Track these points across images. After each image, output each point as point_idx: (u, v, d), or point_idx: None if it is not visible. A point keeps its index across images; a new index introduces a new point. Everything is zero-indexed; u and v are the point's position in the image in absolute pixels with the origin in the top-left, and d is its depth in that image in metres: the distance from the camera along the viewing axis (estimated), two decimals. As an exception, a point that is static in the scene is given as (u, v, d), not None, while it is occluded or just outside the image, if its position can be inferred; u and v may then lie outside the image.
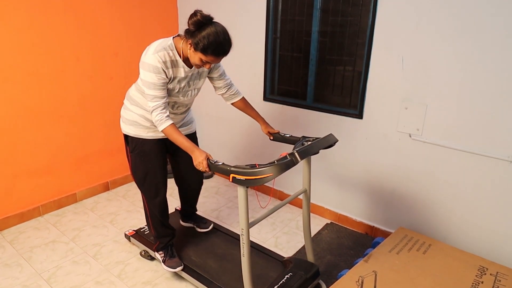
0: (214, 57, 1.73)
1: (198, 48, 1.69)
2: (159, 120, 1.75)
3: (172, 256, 2.20)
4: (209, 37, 1.66)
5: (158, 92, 1.75)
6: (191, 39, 1.69)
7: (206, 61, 1.75)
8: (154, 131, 1.98)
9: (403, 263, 1.98)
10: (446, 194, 2.36)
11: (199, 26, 1.67)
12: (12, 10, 2.45)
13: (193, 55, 1.74)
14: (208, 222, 2.57)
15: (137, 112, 1.96)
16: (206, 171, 1.72)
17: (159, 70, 1.72)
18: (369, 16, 2.43)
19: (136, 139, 2.00)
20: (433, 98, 2.26)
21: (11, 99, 2.57)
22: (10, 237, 2.63)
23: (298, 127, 2.96)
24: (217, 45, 1.69)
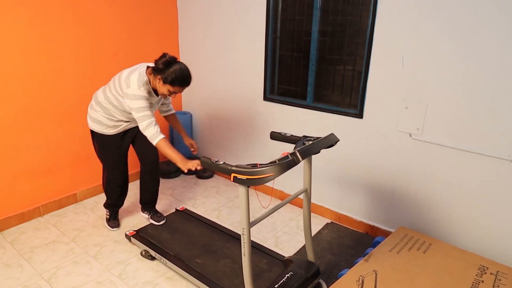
0: (180, 88, 2.19)
1: (167, 81, 2.14)
2: (154, 135, 2.17)
3: (114, 219, 2.80)
4: (176, 72, 2.12)
5: (148, 112, 2.17)
6: (160, 75, 2.14)
7: (173, 91, 2.20)
8: (114, 129, 2.42)
9: (403, 263, 1.98)
10: (446, 193, 2.36)
11: (167, 65, 2.12)
12: (12, 11, 2.45)
13: (161, 87, 2.19)
14: (162, 216, 2.79)
15: (102, 114, 2.37)
16: (197, 168, 2.13)
17: (145, 97, 2.17)
18: (369, 16, 2.43)
19: (99, 134, 2.44)
20: (434, 97, 2.27)
21: (11, 99, 2.57)
22: (10, 238, 2.63)
23: (298, 127, 2.96)
24: (182, 78, 2.16)
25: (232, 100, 3.41)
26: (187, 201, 3.26)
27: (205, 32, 3.43)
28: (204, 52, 3.50)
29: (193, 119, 3.85)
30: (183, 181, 3.65)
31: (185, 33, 3.61)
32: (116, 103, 2.29)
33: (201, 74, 3.61)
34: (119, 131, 2.45)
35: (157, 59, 2.13)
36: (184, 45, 3.66)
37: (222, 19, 3.26)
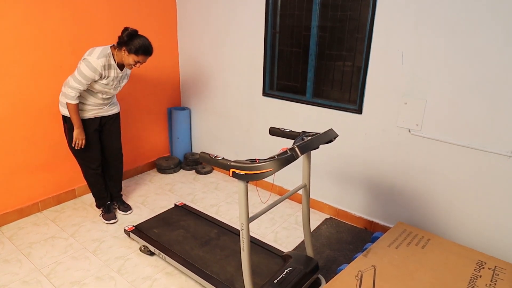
0: (144, 56, 2.38)
1: (131, 51, 2.33)
2: (71, 97, 2.35)
3: (108, 211, 2.85)
4: (139, 42, 2.33)
5: (84, 81, 2.33)
6: (125, 46, 2.33)
7: (137, 61, 2.37)
8: (86, 112, 2.53)
9: (402, 258, 1.99)
10: (445, 189, 2.37)
11: (130, 37, 2.32)
12: (10, 7, 2.43)
13: (127, 58, 2.36)
14: (129, 207, 2.97)
15: None
16: (79, 146, 2.46)
17: (96, 70, 2.32)
18: (368, 11, 2.42)
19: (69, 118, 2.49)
20: (433, 93, 2.26)
21: (9, 95, 2.56)
22: (9, 233, 2.63)
23: (297, 122, 2.96)
24: (145, 48, 2.35)
25: (231, 95, 3.40)
26: (186, 196, 3.26)
27: (204, 28, 3.41)
28: (203, 47, 3.49)
29: (192, 115, 3.84)
30: (182, 177, 3.65)
31: (183, 29, 3.59)
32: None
33: (200, 69, 3.59)
34: (89, 116, 2.54)
35: (121, 33, 2.32)
36: (183, 41, 3.65)
37: (221, 15, 3.24)
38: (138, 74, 3.39)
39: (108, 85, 2.45)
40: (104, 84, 2.42)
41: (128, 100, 3.34)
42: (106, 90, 2.48)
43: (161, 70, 3.61)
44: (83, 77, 2.31)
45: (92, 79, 2.34)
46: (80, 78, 2.31)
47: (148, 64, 3.45)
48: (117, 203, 2.96)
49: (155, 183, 3.51)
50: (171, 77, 3.74)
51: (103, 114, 2.62)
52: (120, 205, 2.95)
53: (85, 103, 2.49)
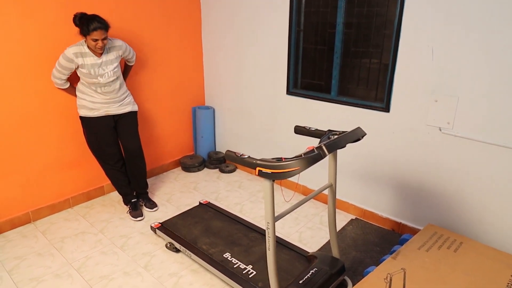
0: (96, 32, 2.33)
1: (84, 33, 2.35)
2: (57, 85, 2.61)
3: (135, 209, 2.90)
4: (87, 21, 2.32)
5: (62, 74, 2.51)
6: (81, 34, 2.38)
7: (95, 39, 2.35)
8: (98, 111, 2.61)
9: (433, 261, 1.92)
10: (478, 189, 2.27)
11: (80, 20, 2.35)
12: (46, 11, 2.52)
13: (88, 42, 2.39)
14: (154, 204, 3.02)
15: (84, 98, 2.59)
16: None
17: (67, 58, 2.41)
18: (396, 6, 2.35)
19: (85, 118, 2.63)
20: (465, 90, 2.17)
21: (41, 95, 2.66)
22: (42, 228, 2.74)
23: (322, 121, 2.92)
24: (92, 22, 2.31)
25: (255, 94, 3.40)
26: (210, 194, 3.29)
27: (228, 26, 3.42)
28: (227, 46, 3.50)
29: (216, 114, 3.87)
30: (206, 175, 3.68)
31: (208, 27, 3.62)
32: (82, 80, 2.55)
33: (224, 68, 3.61)
34: (100, 114, 2.62)
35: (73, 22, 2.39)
36: (207, 39, 3.67)
37: (245, 13, 3.24)
38: (163, 74, 3.44)
39: (90, 73, 2.47)
40: (86, 72, 2.46)
41: (153, 99, 3.40)
42: (94, 80, 2.50)
43: (185, 70, 3.65)
44: (59, 66, 2.46)
45: (67, 68, 2.45)
46: (57, 67, 2.47)
47: (173, 64, 3.50)
48: (143, 200, 3.01)
49: (180, 181, 3.55)
50: (195, 76, 3.78)
51: (115, 112, 2.67)
52: (146, 202, 3.01)
53: (93, 101, 2.57)
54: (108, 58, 2.55)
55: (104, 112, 2.63)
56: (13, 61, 2.47)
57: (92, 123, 2.64)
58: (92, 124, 2.65)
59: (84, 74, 2.48)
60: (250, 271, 2.11)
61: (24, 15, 2.45)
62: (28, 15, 2.47)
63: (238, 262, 2.18)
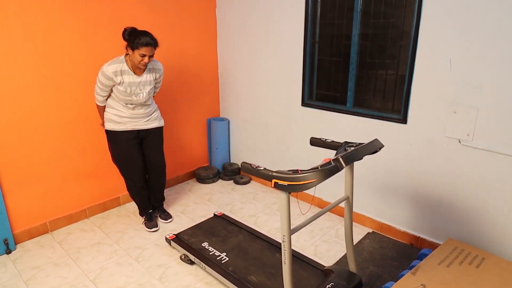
0: (145, 48, 2.34)
1: (133, 47, 2.34)
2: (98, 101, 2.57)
3: (150, 220, 2.91)
4: (138, 36, 2.33)
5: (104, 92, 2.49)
6: (129, 46, 2.38)
7: (142, 54, 2.35)
8: (124, 125, 2.60)
9: (454, 277, 1.85)
10: (500, 203, 2.20)
11: (130, 34, 2.37)
12: (64, 27, 2.61)
13: (133, 56, 2.38)
14: (169, 215, 3.03)
15: (111, 112, 2.59)
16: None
17: (107, 76, 2.40)
18: (413, 17, 2.34)
19: (111, 132, 2.62)
20: (486, 101, 2.13)
21: (62, 107, 2.72)
22: (59, 238, 2.77)
23: (337, 133, 2.90)
24: (144, 38, 2.33)
25: (270, 106, 3.41)
26: (224, 206, 3.28)
27: (243, 39, 3.46)
28: (242, 57, 3.53)
29: (231, 125, 3.88)
30: (220, 187, 3.68)
31: (223, 40, 3.67)
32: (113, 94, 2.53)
33: (239, 79, 3.64)
34: (127, 128, 2.60)
35: (122, 36, 2.39)
36: (222, 52, 3.72)
37: (260, 25, 3.28)
38: (179, 86, 3.49)
39: (126, 92, 2.47)
40: (122, 90, 2.46)
41: (169, 111, 3.44)
42: (128, 98, 2.50)
43: (201, 82, 3.69)
44: (100, 84, 2.44)
45: (108, 85, 2.44)
46: (98, 85, 2.46)
47: (189, 76, 3.55)
48: (158, 211, 3.03)
49: (195, 192, 3.56)
50: (210, 88, 3.82)
51: (142, 127, 2.66)
52: (161, 213, 3.02)
53: (121, 115, 2.57)
54: (147, 79, 2.55)
55: (131, 127, 2.61)
56: (36, 74, 2.55)
57: (118, 137, 2.62)
58: (118, 138, 2.62)
59: (119, 91, 2.47)
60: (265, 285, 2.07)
61: (48, 30, 2.53)
62: (52, 30, 2.55)
63: (252, 275, 2.15)
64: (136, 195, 2.85)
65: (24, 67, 2.49)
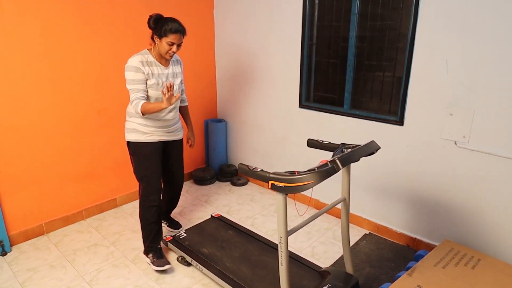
0: (175, 35, 2.14)
1: (161, 34, 2.14)
2: (136, 105, 2.13)
3: (160, 257, 2.41)
4: (166, 22, 2.14)
5: (137, 85, 2.15)
6: (156, 34, 2.17)
7: (171, 42, 2.15)
8: (151, 135, 2.33)
9: (450, 279, 1.86)
10: (496, 205, 2.21)
11: (156, 22, 2.16)
12: (63, 27, 2.60)
13: (161, 45, 2.17)
14: (179, 225, 2.87)
15: (135, 121, 2.31)
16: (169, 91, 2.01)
17: (137, 68, 2.15)
18: (410, 20, 2.35)
19: (136, 144, 2.33)
20: (481, 103, 2.14)
21: (58, 108, 2.72)
22: (55, 240, 2.76)
23: (335, 134, 2.90)
24: (172, 24, 2.13)
25: (267, 107, 3.41)
26: (221, 207, 3.28)
27: (241, 40, 3.47)
28: (240, 59, 3.54)
29: (228, 127, 3.89)
30: (217, 188, 3.68)
31: (221, 41, 3.67)
32: None
33: (237, 82, 3.64)
34: (154, 139, 2.34)
35: (147, 24, 2.19)
36: (220, 53, 3.72)
37: (257, 26, 3.28)
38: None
39: (158, 84, 2.21)
40: (153, 83, 2.19)
41: (167, 112, 3.43)
42: (159, 93, 2.23)
43: (198, 83, 3.69)
44: (132, 83, 2.15)
45: (141, 79, 2.15)
46: (131, 86, 2.16)
47: (186, 78, 3.55)
48: (166, 220, 2.86)
49: (192, 194, 3.56)
50: (208, 90, 3.82)
51: (168, 139, 2.41)
52: (170, 223, 2.86)
53: (147, 124, 2.29)
54: (175, 71, 2.35)
55: (157, 138, 2.34)
56: (32, 75, 2.54)
57: (143, 149, 2.31)
58: (143, 150, 2.32)
59: (150, 86, 2.20)
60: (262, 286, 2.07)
61: (45, 31, 2.53)
62: (49, 31, 2.54)
63: (249, 277, 2.15)
64: (153, 221, 2.39)
65: (21, 69, 2.48)
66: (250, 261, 2.30)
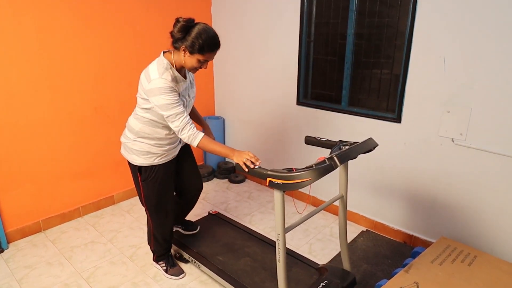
0: (211, 53, 1.77)
1: (194, 50, 1.73)
2: (192, 135, 1.78)
3: (173, 265, 2.32)
4: (201, 35, 1.70)
5: (179, 109, 1.76)
6: (184, 45, 1.73)
7: (204, 60, 1.78)
8: (166, 156, 2.02)
9: (446, 275, 1.87)
10: (492, 202, 2.22)
11: (186, 30, 1.72)
12: (59, 23, 2.58)
13: (189, 59, 1.78)
14: (195, 224, 2.59)
15: (148, 142, 1.95)
16: (248, 170, 1.65)
17: (171, 89, 1.75)
18: (408, 17, 2.35)
19: (150, 168, 2.00)
20: (478, 101, 2.15)
21: (56, 105, 2.70)
22: (52, 237, 2.75)
23: (332, 132, 2.91)
24: (211, 40, 1.73)
25: (265, 104, 3.41)
26: (219, 205, 3.28)
27: (238, 37, 3.46)
28: (237, 56, 3.53)
29: (226, 124, 3.88)
30: (215, 185, 3.68)
31: (218, 39, 3.65)
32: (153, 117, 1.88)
33: (234, 78, 3.63)
34: (168, 159, 2.04)
35: (172, 30, 1.75)
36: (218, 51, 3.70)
37: (255, 24, 3.27)
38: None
39: (184, 104, 1.87)
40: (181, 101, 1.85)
41: (164, 109, 3.42)
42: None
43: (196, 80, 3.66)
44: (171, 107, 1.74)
45: (179, 100, 1.77)
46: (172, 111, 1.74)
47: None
48: (182, 225, 2.58)
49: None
50: (205, 87, 3.81)
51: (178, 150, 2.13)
52: (187, 225, 2.57)
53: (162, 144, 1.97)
54: (190, 78, 2.01)
55: (172, 156, 2.05)
56: (29, 72, 2.53)
57: (159, 173, 2.02)
58: (159, 174, 2.02)
59: None
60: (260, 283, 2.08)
61: (41, 28, 2.51)
62: (45, 28, 2.53)
63: (247, 274, 2.15)
64: (164, 238, 2.23)
65: (16, 66, 2.46)
66: (248, 258, 2.31)
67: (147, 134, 1.94)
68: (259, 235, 2.60)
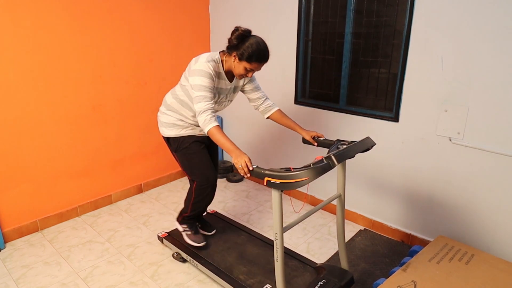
0: (258, 64, 1.93)
1: (243, 57, 1.89)
2: (207, 121, 1.84)
3: (197, 232, 2.41)
4: (252, 46, 1.87)
5: (208, 93, 1.88)
6: (235, 52, 1.91)
7: (250, 69, 1.94)
8: (192, 129, 2.18)
9: (444, 274, 1.88)
10: (490, 201, 2.23)
11: (242, 39, 1.89)
12: (54, 20, 2.57)
13: (237, 66, 1.94)
14: (212, 227, 2.59)
15: (175, 116, 2.16)
16: (245, 175, 1.68)
17: (210, 75, 1.90)
18: (405, 16, 2.35)
19: (176, 139, 2.18)
20: (476, 100, 2.15)
21: (53, 104, 2.69)
22: (50, 236, 2.74)
23: (330, 131, 2.91)
24: (259, 52, 1.89)
25: (263, 103, 3.40)
26: (217, 204, 3.27)
27: (236, 37, 3.45)
28: (235, 56, 3.52)
29: (224, 123, 3.87)
30: (213, 185, 3.67)
31: (216, 37, 3.65)
32: (184, 97, 2.08)
33: (232, 78, 3.63)
34: (195, 133, 2.19)
35: (230, 35, 1.92)
36: (216, 49, 3.68)
37: (253, 23, 3.27)
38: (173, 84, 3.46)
39: (213, 99, 1.95)
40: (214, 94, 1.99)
41: (162, 108, 3.42)
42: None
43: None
44: (203, 89, 1.87)
45: (211, 88, 1.91)
46: (201, 92, 1.86)
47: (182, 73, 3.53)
48: (199, 222, 2.57)
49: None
50: (203, 86, 3.80)
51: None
52: (204, 225, 2.58)
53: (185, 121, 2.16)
54: (237, 84, 2.15)
55: (198, 132, 2.19)
56: (26, 71, 2.51)
57: (185, 143, 2.16)
58: (186, 144, 2.16)
59: None
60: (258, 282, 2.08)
61: (38, 25, 2.49)
62: (43, 25, 2.51)
63: (245, 273, 2.15)
64: (207, 195, 2.27)
65: (14, 64, 2.45)
66: (246, 257, 2.31)
67: (175, 109, 2.15)
68: (257, 234, 2.60)
